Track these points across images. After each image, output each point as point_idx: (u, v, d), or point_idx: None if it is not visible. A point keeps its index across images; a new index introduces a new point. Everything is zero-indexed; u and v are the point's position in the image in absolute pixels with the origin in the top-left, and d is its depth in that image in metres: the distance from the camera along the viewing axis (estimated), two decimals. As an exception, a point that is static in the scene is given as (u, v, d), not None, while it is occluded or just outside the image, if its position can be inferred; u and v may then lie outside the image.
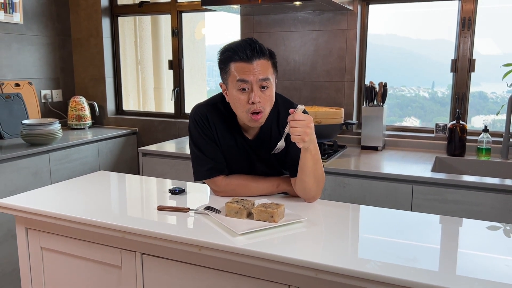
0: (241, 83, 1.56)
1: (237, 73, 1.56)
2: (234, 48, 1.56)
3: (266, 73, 1.57)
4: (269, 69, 1.59)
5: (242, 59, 1.54)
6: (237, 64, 1.56)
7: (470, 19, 2.71)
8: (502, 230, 1.46)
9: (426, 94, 3.31)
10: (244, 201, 1.50)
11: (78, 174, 3.19)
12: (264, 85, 1.57)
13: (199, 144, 1.70)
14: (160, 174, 2.84)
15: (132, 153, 3.72)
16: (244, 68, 1.55)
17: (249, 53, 1.54)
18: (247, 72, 1.55)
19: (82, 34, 3.78)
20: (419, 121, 3.26)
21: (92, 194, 1.79)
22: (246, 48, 1.54)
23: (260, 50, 1.56)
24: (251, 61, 1.54)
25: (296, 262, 1.20)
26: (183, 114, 3.67)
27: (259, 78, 1.55)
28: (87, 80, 3.84)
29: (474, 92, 3.29)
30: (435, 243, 1.35)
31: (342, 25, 2.93)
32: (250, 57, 1.54)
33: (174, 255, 1.40)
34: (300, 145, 1.51)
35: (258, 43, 1.58)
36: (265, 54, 1.57)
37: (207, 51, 5.06)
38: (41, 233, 1.64)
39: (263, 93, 1.57)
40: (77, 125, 3.67)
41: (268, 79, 1.57)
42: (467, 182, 2.14)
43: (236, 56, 1.55)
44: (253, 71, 1.54)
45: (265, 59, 1.57)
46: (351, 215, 1.61)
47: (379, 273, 1.11)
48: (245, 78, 1.55)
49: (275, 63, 1.63)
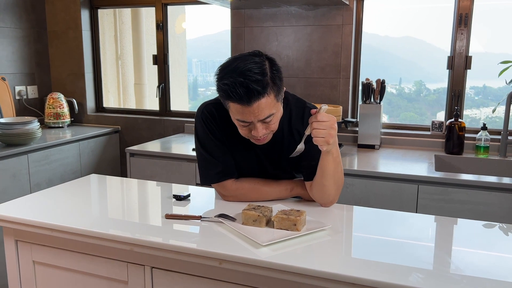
0: (242, 122, 1.42)
1: (236, 114, 1.40)
2: (228, 90, 1.33)
3: (269, 111, 1.38)
4: (272, 104, 1.38)
5: (239, 102, 1.35)
6: (235, 105, 1.37)
7: (467, 15, 2.68)
8: (498, 227, 1.44)
9: (393, 90, 3.32)
10: (262, 207, 1.39)
11: (59, 176, 3.00)
12: (268, 120, 1.42)
13: (207, 146, 1.58)
14: (149, 176, 2.69)
15: (115, 153, 3.54)
16: (243, 111, 1.37)
17: (245, 98, 1.33)
18: (247, 115, 1.37)
19: (59, 26, 3.56)
20: (387, 117, 3.25)
21: (88, 201, 1.65)
22: (241, 91, 1.32)
23: (257, 92, 1.32)
24: (249, 104, 1.34)
25: (330, 276, 1.11)
26: (169, 112, 3.51)
27: (260, 118, 1.39)
28: (65, 75, 3.62)
29: (439, 88, 3.32)
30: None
31: (337, 20, 2.85)
32: (247, 101, 1.33)
33: (189, 269, 1.28)
34: (323, 148, 1.40)
35: (259, 78, 1.33)
36: (264, 92, 1.34)
37: (188, 45, 4.91)
38: (34, 245, 1.48)
39: (267, 124, 1.43)
40: (55, 123, 3.46)
41: (272, 115, 1.40)
42: (473, 181, 2.10)
43: (230, 99, 1.36)
44: (254, 113, 1.36)
45: (266, 95, 1.35)
46: (374, 219, 1.53)
47: (423, 287, 1.03)
48: (245, 120, 1.40)
49: (278, 87, 1.40)
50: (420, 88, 3.33)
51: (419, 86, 3.32)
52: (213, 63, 4.94)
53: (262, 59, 1.39)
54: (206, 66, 5.00)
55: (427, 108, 3.38)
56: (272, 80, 1.37)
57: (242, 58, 1.38)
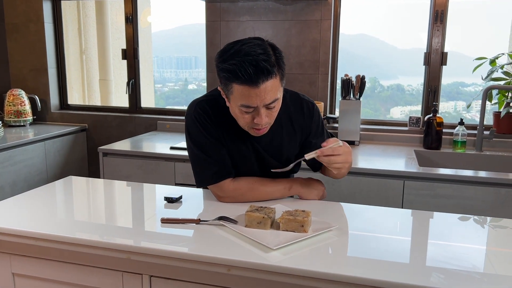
0: (245, 108, 1.35)
1: (241, 98, 1.32)
2: (236, 69, 1.27)
3: (274, 94, 1.33)
4: (278, 87, 1.34)
5: (246, 83, 1.28)
6: (241, 87, 1.30)
7: (443, 12, 2.72)
8: (472, 220, 1.46)
9: None
10: (265, 208, 1.33)
11: (23, 178, 2.81)
12: (272, 106, 1.36)
13: (201, 145, 1.49)
14: (125, 176, 2.56)
15: (82, 153, 3.36)
16: (249, 94, 1.30)
17: (254, 77, 1.27)
18: (253, 98, 1.30)
19: (19, 18, 3.33)
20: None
21: (71, 206, 1.52)
22: (250, 70, 1.26)
23: (267, 71, 1.28)
24: (257, 85, 1.28)
25: (348, 280, 1.06)
26: (139, 109, 3.37)
27: (266, 102, 1.33)
28: (26, 71, 3.39)
29: (392, 84, 3.41)
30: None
31: (315, 15, 2.81)
32: (255, 80, 1.27)
33: (192, 277, 1.19)
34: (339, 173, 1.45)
35: (266, 58, 1.28)
36: (273, 72, 1.29)
37: (153, 39, 4.75)
38: (13, 256, 1.34)
39: (270, 111, 1.38)
40: (16, 121, 3.24)
41: (276, 100, 1.36)
42: (459, 176, 2.13)
43: (238, 80, 1.29)
44: (260, 95, 1.30)
45: (274, 77, 1.30)
46: (375, 217, 1.49)
47: (447, 286, 1.00)
48: (250, 105, 1.33)
49: (283, 70, 1.36)
50: (375, 84, 3.38)
51: (373, 83, 3.37)
52: (170, 59, 4.82)
53: (264, 43, 1.35)
54: (163, 62, 4.87)
55: (381, 104, 3.45)
56: (277, 62, 1.32)
57: (244, 42, 1.33)
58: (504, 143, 2.63)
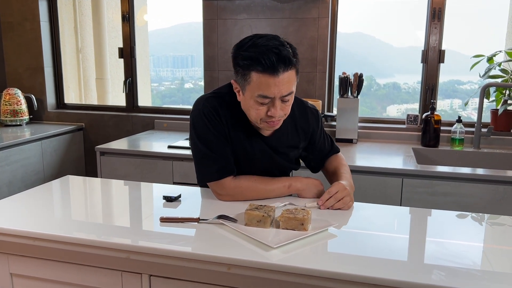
0: (262, 98, 1.36)
1: (259, 87, 1.34)
2: (259, 56, 1.30)
3: (290, 87, 1.37)
4: (294, 80, 1.38)
5: (267, 71, 1.31)
6: (261, 76, 1.32)
7: (440, 10, 2.72)
8: (470, 217, 1.47)
9: None
10: (265, 207, 1.32)
11: (20, 178, 2.80)
12: (287, 99, 1.39)
13: (207, 141, 1.48)
14: (123, 175, 2.55)
15: (79, 152, 3.34)
16: (268, 83, 1.32)
17: (276, 64, 1.30)
18: (271, 87, 1.33)
19: (14, 17, 3.30)
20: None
21: (69, 205, 1.51)
22: (273, 57, 1.30)
23: (289, 60, 1.32)
24: (277, 74, 1.31)
25: (347, 278, 1.06)
26: (137, 108, 3.36)
27: (283, 94, 1.36)
28: (22, 70, 3.37)
29: (388, 82, 3.42)
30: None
31: (313, 13, 2.81)
32: (276, 69, 1.31)
33: (192, 276, 1.18)
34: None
35: (287, 47, 1.34)
36: (293, 63, 1.34)
37: (150, 38, 4.73)
38: (11, 256, 1.33)
39: (284, 104, 1.40)
40: (12, 121, 3.22)
41: (291, 93, 1.39)
42: (457, 173, 2.13)
43: (259, 66, 1.31)
44: (278, 86, 1.33)
45: (292, 68, 1.35)
46: (374, 214, 1.49)
47: (445, 284, 1.00)
48: (268, 95, 1.35)
49: (298, 65, 1.40)
50: (371, 83, 3.39)
51: (369, 81, 3.38)
52: (166, 58, 4.81)
53: (280, 38, 1.38)
54: (159, 61, 4.85)
55: (378, 102, 3.46)
56: (294, 56, 1.36)
57: (260, 36, 1.37)
58: (501, 140, 2.64)
